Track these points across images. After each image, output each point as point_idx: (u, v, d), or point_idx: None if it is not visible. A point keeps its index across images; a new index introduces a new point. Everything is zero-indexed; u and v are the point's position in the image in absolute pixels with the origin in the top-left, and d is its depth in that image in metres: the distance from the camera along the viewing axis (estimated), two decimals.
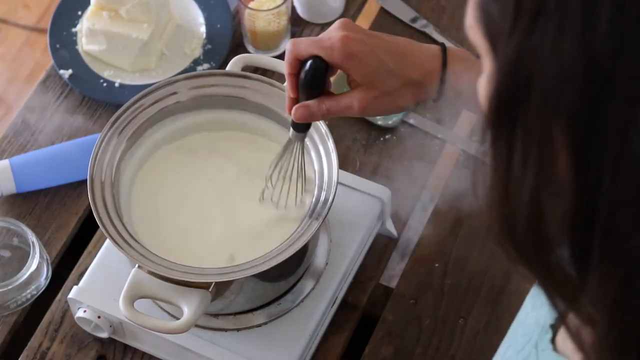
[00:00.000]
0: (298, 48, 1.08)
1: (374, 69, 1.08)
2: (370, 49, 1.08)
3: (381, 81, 1.08)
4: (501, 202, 0.72)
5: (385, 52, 1.09)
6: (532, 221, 0.71)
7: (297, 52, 1.08)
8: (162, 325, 1.14)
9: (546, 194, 0.69)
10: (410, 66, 1.10)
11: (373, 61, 1.08)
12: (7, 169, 1.40)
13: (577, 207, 0.68)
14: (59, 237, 1.40)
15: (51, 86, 1.53)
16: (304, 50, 1.08)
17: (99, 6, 1.49)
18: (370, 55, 1.08)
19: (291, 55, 1.09)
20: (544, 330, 0.86)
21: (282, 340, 1.25)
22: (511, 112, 0.69)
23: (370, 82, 1.08)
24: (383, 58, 1.08)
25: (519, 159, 0.69)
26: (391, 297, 1.35)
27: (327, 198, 1.16)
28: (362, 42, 1.08)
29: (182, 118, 1.28)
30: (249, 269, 1.13)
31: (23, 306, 1.35)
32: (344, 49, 1.07)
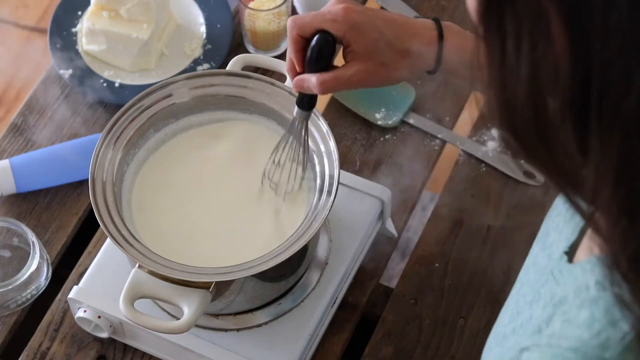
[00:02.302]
0: (301, 24, 1.09)
1: (374, 40, 1.09)
2: (371, 19, 1.09)
3: (380, 52, 1.10)
4: (500, 92, 0.73)
5: (384, 22, 1.11)
6: (531, 102, 0.72)
7: (301, 29, 1.09)
8: (162, 325, 1.14)
9: (542, 72, 0.70)
10: (407, 37, 1.11)
11: (373, 32, 1.09)
12: (7, 169, 1.40)
13: (572, 77, 0.69)
14: (59, 237, 1.40)
15: (51, 86, 1.53)
16: (307, 26, 1.09)
17: (99, 6, 1.49)
18: (371, 26, 1.09)
19: (294, 31, 1.09)
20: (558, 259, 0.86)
21: (282, 340, 1.25)
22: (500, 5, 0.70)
23: (369, 53, 1.09)
24: (382, 29, 1.10)
25: (512, 45, 0.70)
26: (391, 297, 1.35)
27: (329, 198, 1.16)
28: (363, 13, 1.09)
29: (182, 118, 1.28)
30: (249, 269, 1.13)
31: (23, 306, 1.35)
32: (347, 19, 1.08)
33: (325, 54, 1.10)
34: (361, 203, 1.33)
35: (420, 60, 1.12)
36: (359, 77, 1.10)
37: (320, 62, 1.10)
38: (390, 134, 1.47)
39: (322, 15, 1.09)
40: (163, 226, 1.23)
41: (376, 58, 1.10)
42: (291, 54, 1.11)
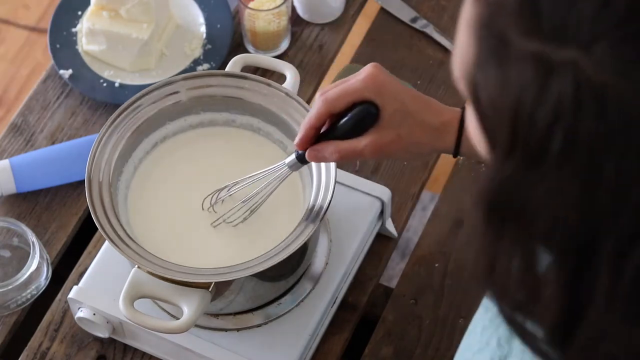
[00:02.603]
0: (332, 99, 1.06)
1: (395, 109, 1.06)
2: (395, 88, 1.07)
3: (398, 123, 1.07)
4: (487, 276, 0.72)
5: (408, 95, 1.08)
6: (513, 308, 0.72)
7: (332, 105, 1.06)
8: (162, 325, 1.14)
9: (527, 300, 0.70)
10: (429, 111, 1.08)
11: (395, 101, 1.06)
12: (7, 169, 1.40)
13: (559, 322, 0.69)
14: (59, 237, 1.40)
15: (51, 86, 1.53)
16: (339, 103, 1.06)
17: (99, 6, 1.49)
18: (394, 94, 1.06)
19: (324, 108, 1.06)
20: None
21: (282, 340, 1.25)
22: (501, 219, 0.68)
23: (388, 123, 1.06)
24: (405, 100, 1.07)
25: (504, 261, 0.69)
26: (391, 297, 1.35)
27: (326, 198, 1.16)
28: (389, 82, 1.07)
29: (180, 118, 1.28)
30: (249, 268, 1.13)
31: (23, 306, 1.35)
32: (375, 81, 1.06)
33: (363, 125, 1.06)
34: (361, 203, 1.33)
35: (439, 139, 1.08)
36: (373, 148, 1.07)
37: (353, 132, 1.06)
38: None
39: (351, 84, 1.06)
40: (160, 227, 1.23)
41: (394, 129, 1.07)
42: (306, 127, 1.07)
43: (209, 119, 1.29)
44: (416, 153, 1.10)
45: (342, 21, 1.58)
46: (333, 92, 1.06)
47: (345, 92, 1.06)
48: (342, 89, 1.06)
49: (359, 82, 1.06)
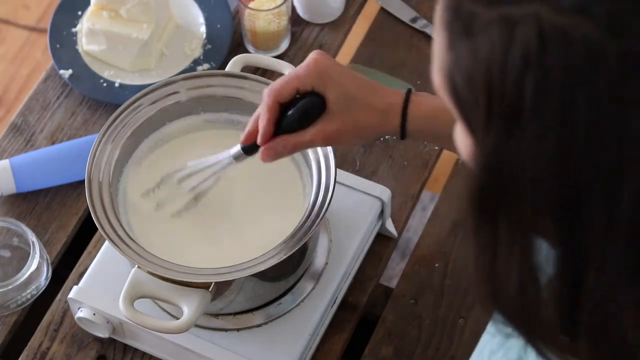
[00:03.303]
0: (278, 89, 1.06)
1: (337, 96, 1.07)
2: (337, 74, 1.07)
3: (342, 110, 1.07)
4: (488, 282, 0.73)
5: (350, 79, 1.08)
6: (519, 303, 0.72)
7: (279, 94, 1.07)
8: (162, 325, 1.14)
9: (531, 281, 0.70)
10: (373, 95, 1.08)
11: (337, 87, 1.07)
12: (7, 169, 1.40)
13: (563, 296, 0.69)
14: (59, 237, 1.40)
15: (51, 86, 1.53)
16: (284, 91, 1.07)
17: (99, 6, 1.49)
18: (336, 81, 1.07)
19: (271, 98, 1.07)
20: None
21: (282, 340, 1.25)
22: (494, 205, 0.69)
23: (332, 111, 1.07)
24: (347, 84, 1.07)
25: (503, 251, 0.70)
26: (391, 297, 1.35)
27: (325, 198, 1.16)
28: (331, 66, 1.07)
29: (180, 118, 1.28)
30: (249, 268, 1.13)
31: (23, 306, 1.35)
32: (317, 67, 1.06)
33: (309, 116, 1.07)
34: (361, 203, 1.33)
35: (385, 121, 1.08)
36: (321, 137, 1.07)
37: (301, 124, 1.07)
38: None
39: (294, 72, 1.07)
40: (160, 227, 1.23)
41: (339, 116, 1.07)
42: (263, 123, 1.08)
43: (208, 119, 1.29)
44: (364, 137, 1.10)
45: (342, 21, 1.58)
46: (277, 82, 1.08)
47: (288, 80, 1.07)
48: (285, 77, 1.07)
49: (302, 69, 1.07)
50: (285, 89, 1.07)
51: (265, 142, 1.09)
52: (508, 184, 0.67)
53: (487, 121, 0.67)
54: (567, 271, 0.69)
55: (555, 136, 0.64)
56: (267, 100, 1.07)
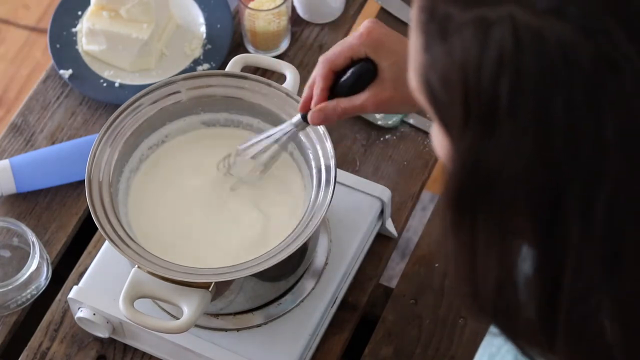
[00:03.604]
0: (331, 58, 1.08)
1: (391, 63, 1.08)
2: (391, 41, 1.08)
3: (395, 76, 1.08)
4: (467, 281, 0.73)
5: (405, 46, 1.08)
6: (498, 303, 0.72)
7: (333, 64, 1.08)
8: (162, 325, 1.14)
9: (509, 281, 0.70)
10: None
11: (391, 54, 1.07)
12: (7, 169, 1.40)
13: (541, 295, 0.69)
14: (59, 237, 1.40)
15: (51, 86, 1.53)
16: (338, 59, 1.08)
17: (99, 6, 1.49)
18: (390, 48, 1.08)
19: (326, 68, 1.08)
20: None
21: (282, 340, 1.25)
22: (472, 205, 0.69)
23: (386, 77, 1.08)
24: (401, 52, 1.08)
25: (482, 251, 0.70)
26: (391, 297, 1.35)
27: (326, 197, 1.16)
28: (385, 34, 1.08)
29: (180, 118, 1.28)
30: (249, 268, 1.13)
31: (23, 306, 1.35)
32: (371, 36, 1.07)
33: (362, 82, 1.08)
34: (361, 203, 1.33)
35: None
36: (373, 103, 1.08)
37: (354, 90, 1.09)
38: (390, 134, 1.47)
39: (346, 42, 1.08)
40: (160, 227, 1.23)
41: (392, 83, 1.08)
42: (317, 91, 1.09)
43: (208, 119, 1.29)
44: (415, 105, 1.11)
45: (342, 21, 1.58)
46: (331, 50, 1.09)
47: (342, 49, 1.08)
48: (339, 46, 1.08)
49: (356, 38, 1.08)
50: (339, 58, 1.08)
51: (306, 108, 1.11)
52: (485, 184, 0.67)
53: (463, 122, 0.67)
54: (544, 271, 0.69)
55: (532, 137, 0.64)
56: (322, 68, 1.09)
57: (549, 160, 0.65)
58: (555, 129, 0.64)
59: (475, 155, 0.67)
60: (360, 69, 1.08)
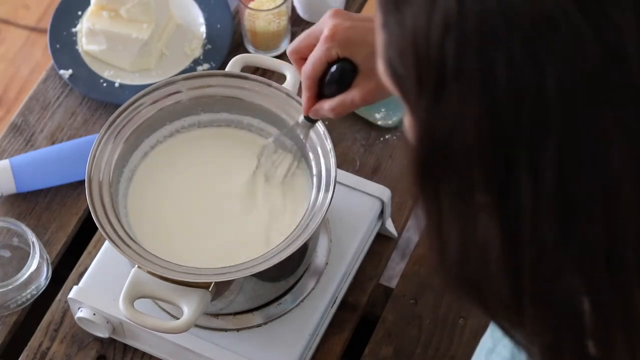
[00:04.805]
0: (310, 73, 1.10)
1: (366, 55, 1.09)
2: (360, 34, 1.09)
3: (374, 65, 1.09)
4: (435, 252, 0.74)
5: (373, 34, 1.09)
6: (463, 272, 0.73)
7: (314, 75, 1.10)
8: (162, 325, 1.14)
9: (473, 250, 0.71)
10: None
11: (364, 47, 1.09)
12: (7, 169, 1.40)
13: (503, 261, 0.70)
14: (59, 237, 1.40)
15: (51, 86, 1.53)
16: (318, 69, 1.10)
17: (99, 6, 1.49)
18: (361, 41, 1.09)
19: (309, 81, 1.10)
20: None
21: (282, 340, 1.25)
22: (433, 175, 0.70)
23: (367, 70, 1.09)
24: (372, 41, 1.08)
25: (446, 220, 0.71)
26: (391, 297, 1.35)
27: (326, 198, 1.17)
28: (351, 28, 1.09)
29: (180, 119, 1.28)
30: (249, 268, 1.13)
31: (23, 306, 1.35)
32: (336, 39, 1.09)
33: (344, 83, 1.10)
34: (361, 203, 1.33)
35: None
36: (361, 97, 1.10)
37: (337, 90, 1.11)
38: (390, 134, 1.47)
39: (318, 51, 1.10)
40: (160, 227, 1.23)
41: (374, 73, 1.08)
42: (305, 100, 1.13)
43: (208, 119, 1.29)
44: None
45: None
46: (307, 65, 1.11)
47: (316, 60, 1.10)
48: (313, 58, 1.10)
49: (323, 43, 1.09)
50: (317, 68, 1.10)
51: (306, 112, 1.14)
52: (440, 151, 0.69)
53: (417, 91, 0.68)
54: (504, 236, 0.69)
55: (477, 98, 0.66)
56: (305, 82, 1.11)
57: (495, 121, 0.66)
58: (498, 88, 0.65)
59: (428, 122, 0.69)
60: (337, 72, 1.10)
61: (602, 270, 0.69)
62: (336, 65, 1.10)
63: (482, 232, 0.70)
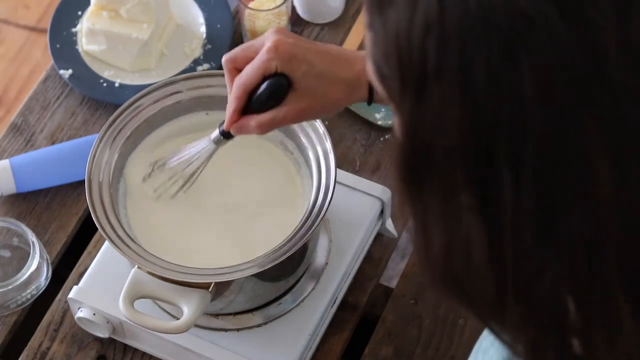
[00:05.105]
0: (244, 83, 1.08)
1: (304, 72, 1.08)
2: (301, 52, 1.08)
3: (311, 85, 1.08)
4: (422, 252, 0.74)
5: (316, 54, 1.09)
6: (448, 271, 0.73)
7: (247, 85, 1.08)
8: (162, 325, 1.14)
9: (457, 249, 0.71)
10: (340, 66, 1.10)
11: (303, 64, 1.08)
12: (7, 169, 1.40)
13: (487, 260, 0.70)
14: (59, 237, 1.40)
15: (51, 86, 1.53)
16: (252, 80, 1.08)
17: (99, 6, 1.49)
18: (301, 58, 1.08)
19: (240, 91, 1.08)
20: None
21: (282, 340, 1.25)
22: (417, 174, 0.71)
23: (302, 88, 1.08)
24: (313, 60, 1.09)
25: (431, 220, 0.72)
26: (391, 297, 1.35)
27: (325, 198, 1.16)
28: (294, 45, 1.08)
29: (181, 118, 1.28)
30: (249, 268, 1.13)
31: (23, 306, 1.35)
32: (279, 50, 1.07)
33: (277, 98, 1.08)
34: (361, 203, 1.33)
35: (355, 92, 1.10)
36: (293, 115, 1.09)
37: (269, 105, 1.09)
38: (390, 134, 1.47)
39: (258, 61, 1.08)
40: (160, 227, 1.23)
41: (309, 92, 1.09)
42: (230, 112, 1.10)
43: (208, 120, 1.29)
44: (334, 110, 1.13)
45: (342, 21, 1.58)
46: (243, 75, 1.09)
47: (254, 70, 1.08)
48: (250, 68, 1.09)
49: (264, 54, 1.08)
50: (253, 79, 1.08)
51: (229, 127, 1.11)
52: (424, 151, 0.69)
53: (401, 91, 0.69)
54: (487, 236, 0.70)
55: (458, 98, 0.66)
56: (236, 91, 1.09)
57: (476, 121, 0.66)
58: (478, 88, 0.66)
59: (411, 122, 0.69)
60: (273, 85, 1.08)
61: (583, 269, 0.69)
62: (271, 80, 1.08)
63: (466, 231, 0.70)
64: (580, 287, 0.70)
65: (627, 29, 0.65)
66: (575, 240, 0.68)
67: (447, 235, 0.72)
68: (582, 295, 0.70)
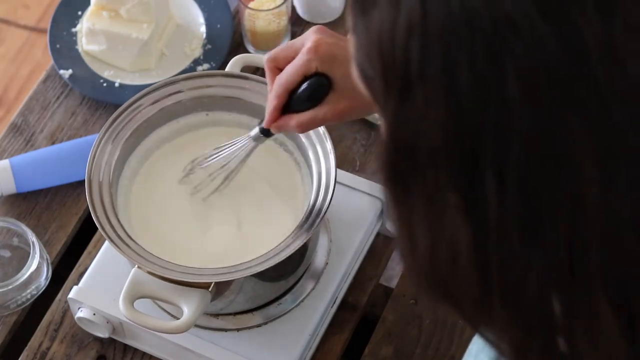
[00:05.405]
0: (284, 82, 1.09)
1: (343, 74, 1.08)
2: (342, 52, 1.08)
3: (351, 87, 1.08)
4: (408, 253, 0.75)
5: None
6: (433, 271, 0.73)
7: (288, 84, 1.09)
8: (162, 325, 1.14)
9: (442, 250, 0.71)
10: None
11: (343, 66, 1.08)
12: (7, 169, 1.40)
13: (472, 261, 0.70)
14: (59, 237, 1.40)
15: (51, 86, 1.53)
16: (293, 79, 1.09)
17: (99, 6, 1.49)
18: (342, 59, 1.08)
19: (281, 89, 1.09)
20: None
21: (282, 340, 1.25)
22: (402, 174, 0.71)
23: (341, 89, 1.08)
24: None
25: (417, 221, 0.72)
26: (391, 297, 1.35)
27: (325, 198, 1.17)
28: (334, 44, 1.09)
29: (181, 118, 1.28)
30: (249, 268, 1.13)
31: (23, 306, 1.35)
32: (319, 50, 1.08)
33: (316, 97, 1.09)
34: (361, 203, 1.33)
35: None
36: (332, 115, 1.09)
37: (308, 105, 1.09)
38: None
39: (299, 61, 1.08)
40: (160, 227, 1.23)
41: (349, 93, 1.09)
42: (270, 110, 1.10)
43: (208, 120, 1.29)
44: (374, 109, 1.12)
45: (342, 21, 1.58)
46: (284, 74, 1.09)
47: (294, 70, 1.09)
48: (291, 68, 1.09)
49: (305, 55, 1.08)
50: (294, 78, 1.09)
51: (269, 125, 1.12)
52: (408, 153, 0.69)
53: (385, 92, 0.69)
54: (473, 237, 0.70)
55: (442, 100, 0.66)
56: (277, 89, 1.10)
57: (460, 123, 0.66)
58: (462, 90, 0.66)
59: (396, 124, 0.69)
60: (313, 85, 1.09)
61: (566, 271, 0.69)
62: (312, 79, 1.09)
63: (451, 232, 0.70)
64: (564, 287, 0.70)
65: (611, 30, 0.65)
66: (558, 243, 0.68)
67: (432, 236, 0.72)
68: (566, 296, 0.70)
